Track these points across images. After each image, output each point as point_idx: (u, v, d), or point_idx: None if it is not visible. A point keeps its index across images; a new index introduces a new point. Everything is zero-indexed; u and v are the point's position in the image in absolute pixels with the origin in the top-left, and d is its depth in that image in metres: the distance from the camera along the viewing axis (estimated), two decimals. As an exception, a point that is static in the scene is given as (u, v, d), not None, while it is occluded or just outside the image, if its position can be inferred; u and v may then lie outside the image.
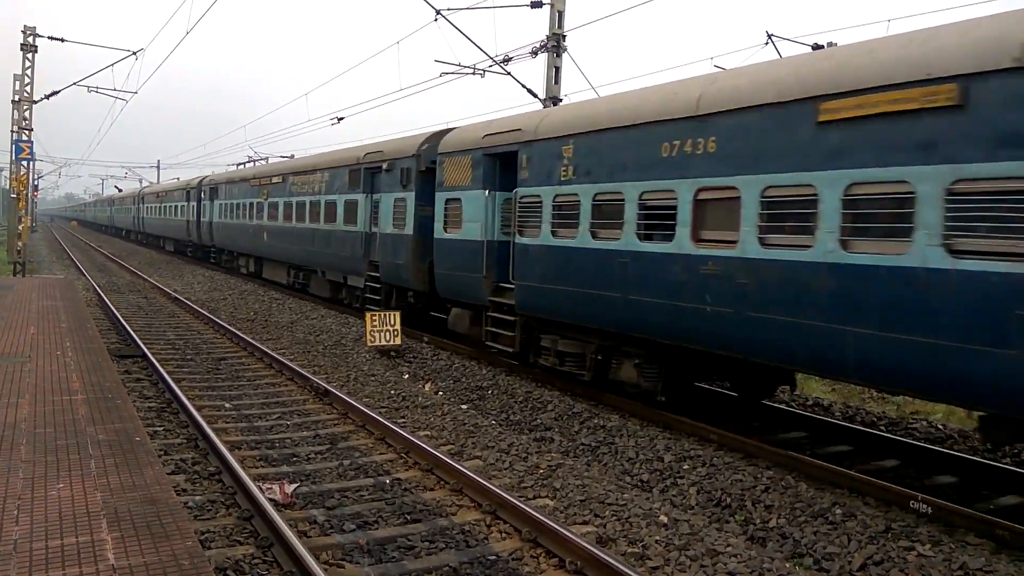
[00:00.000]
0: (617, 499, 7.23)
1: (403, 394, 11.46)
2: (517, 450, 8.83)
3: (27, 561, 4.32)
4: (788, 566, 5.99)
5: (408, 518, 6.72)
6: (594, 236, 10.27)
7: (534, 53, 17.95)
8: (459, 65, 19.49)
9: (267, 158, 37.07)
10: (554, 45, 17.62)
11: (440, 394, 11.82)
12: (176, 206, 40.31)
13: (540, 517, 6.28)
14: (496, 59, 18.42)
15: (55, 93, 29.22)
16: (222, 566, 5.52)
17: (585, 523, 6.75)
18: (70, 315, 14.55)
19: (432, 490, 7.50)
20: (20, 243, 28.67)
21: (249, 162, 36.90)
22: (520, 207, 11.86)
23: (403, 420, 10.10)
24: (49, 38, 28.58)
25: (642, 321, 9.54)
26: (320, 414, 10.27)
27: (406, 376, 12.90)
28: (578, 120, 10.90)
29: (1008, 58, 6.01)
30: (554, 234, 11.07)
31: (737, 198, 8.13)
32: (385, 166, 16.89)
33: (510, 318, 12.37)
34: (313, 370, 12.83)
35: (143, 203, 51.83)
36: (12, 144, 28.40)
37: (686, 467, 8.22)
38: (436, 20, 17.81)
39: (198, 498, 6.87)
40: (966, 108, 6.22)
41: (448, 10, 17.79)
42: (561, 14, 17.62)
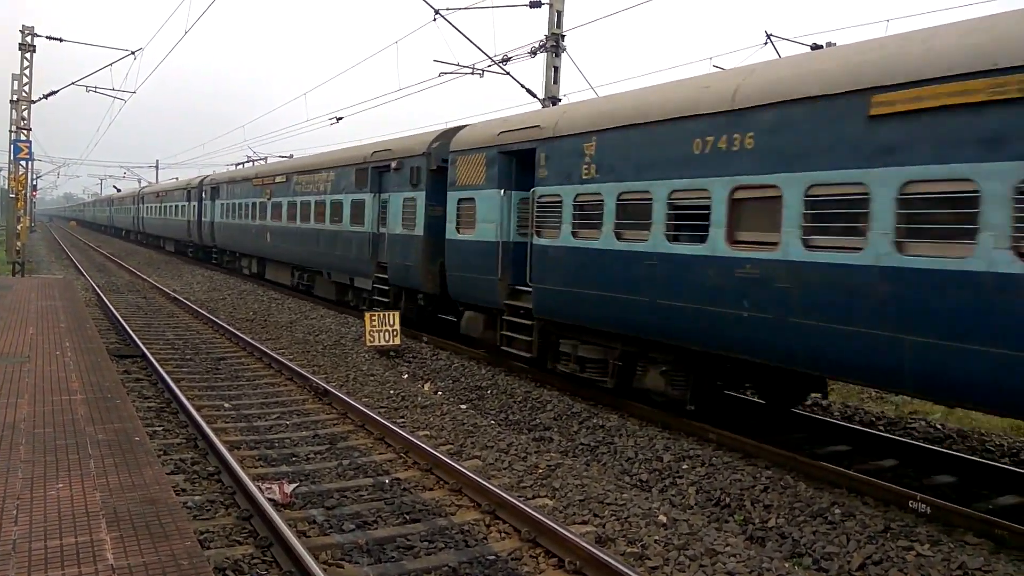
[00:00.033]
0: (616, 499, 7.24)
1: (402, 394, 11.47)
2: (516, 450, 8.83)
3: (26, 561, 4.32)
4: (787, 566, 6.00)
5: (407, 518, 6.72)
6: (619, 237, 9.82)
7: (533, 53, 17.97)
8: (458, 65, 19.51)
9: (266, 158, 36.98)
10: (553, 45, 17.63)
11: (439, 394, 11.82)
12: (177, 206, 39.89)
13: (539, 517, 6.29)
14: (495, 59, 18.44)
15: (53, 93, 29.20)
16: (221, 566, 5.52)
17: (584, 523, 6.76)
18: (69, 315, 14.54)
19: (431, 490, 7.50)
20: (19, 243, 28.65)
21: (248, 162, 36.81)
22: (538, 207, 11.47)
23: (402, 420, 10.11)
24: (47, 38, 28.56)
25: (671, 326, 9.09)
26: (319, 414, 10.27)
27: (405, 376, 12.90)
28: (601, 116, 10.39)
29: None
30: (575, 235, 10.63)
31: (778, 197, 7.71)
32: (394, 165, 16.50)
33: (527, 322, 11.95)
34: (312, 370, 12.83)
35: (143, 203, 51.42)
36: (11, 144, 28.37)
37: (685, 467, 8.23)
38: (435, 20, 17.82)
39: (197, 498, 6.87)
40: None
41: (447, 10, 17.82)
42: (560, 14, 17.63)
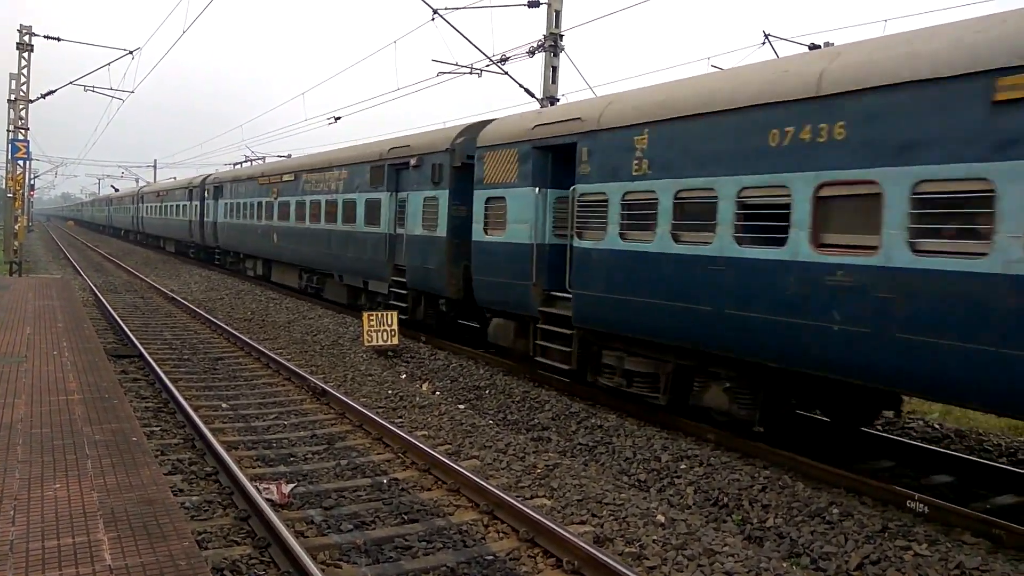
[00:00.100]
0: (614, 499, 7.24)
1: (400, 394, 11.46)
2: (515, 450, 8.83)
3: (23, 561, 4.31)
4: (785, 565, 6.01)
5: (405, 518, 6.72)
6: (676, 239, 8.94)
7: (531, 53, 17.97)
8: (456, 65, 19.52)
9: (264, 157, 36.91)
10: (551, 45, 17.63)
11: (437, 394, 11.82)
12: (178, 205, 39.20)
13: (537, 517, 6.29)
14: (493, 59, 18.45)
15: (51, 92, 29.18)
16: (219, 566, 5.51)
17: (582, 523, 6.75)
18: (67, 315, 14.52)
19: (429, 490, 7.50)
20: (16, 243, 28.63)
21: (246, 161, 36.75)
22: (580, 206, 10.55)
23: (400, 420, 10.10)
24: (45, 37, 28.53)
25: (740, 339, 8.19)
26: (317, 414, 10.27)
27: (403, 376, 12.90)
28: (655, 106, 9.46)
29: None
30: (623, 237, 9.77)
31: (877, 195, 6.83)
32: (413, 162, 15.64)
33: (565, 331, 11.01)
34: (310, 370, 12.82)
35: (143, 202, 50.75)
36: (8, 143, 28.33)
37: (683, 467, 8.23)
38: (433, 20, 17.81)
39: (195, 498, 6.87)
40: None
41: (445, 9, 17.82)
42: (558, 14, 17.64)
